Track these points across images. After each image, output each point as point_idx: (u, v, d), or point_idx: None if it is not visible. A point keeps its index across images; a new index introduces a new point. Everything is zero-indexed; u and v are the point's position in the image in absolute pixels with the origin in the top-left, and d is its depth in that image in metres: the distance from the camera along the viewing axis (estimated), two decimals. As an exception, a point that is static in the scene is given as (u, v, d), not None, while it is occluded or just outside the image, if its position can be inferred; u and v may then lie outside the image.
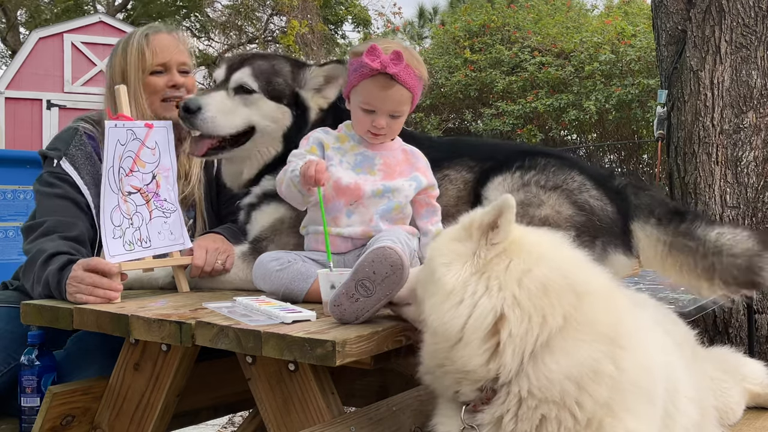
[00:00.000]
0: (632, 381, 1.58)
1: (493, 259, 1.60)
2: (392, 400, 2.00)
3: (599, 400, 1.54)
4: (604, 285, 1.69)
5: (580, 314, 1.58)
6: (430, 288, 1.63)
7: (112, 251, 2.11)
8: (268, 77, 2.41)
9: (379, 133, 2.22)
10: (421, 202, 2.29)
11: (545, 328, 1.55)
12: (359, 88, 2.19)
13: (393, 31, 20.46)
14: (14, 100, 13.35)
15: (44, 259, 2.22)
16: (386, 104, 2.18)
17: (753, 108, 4.19)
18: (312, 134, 2.30)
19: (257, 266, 2.16)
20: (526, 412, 1.56)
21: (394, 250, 1.76)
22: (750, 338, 4.05)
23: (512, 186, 2.38)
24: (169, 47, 2.63)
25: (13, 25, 22.91)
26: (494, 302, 1.56)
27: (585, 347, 1.56)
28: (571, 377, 1.54)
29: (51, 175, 2.47)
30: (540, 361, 1.55)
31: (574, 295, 1.59)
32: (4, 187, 5.17)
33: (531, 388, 1.55)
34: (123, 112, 2.24)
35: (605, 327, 1.59)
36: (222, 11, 22.41)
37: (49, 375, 2.26)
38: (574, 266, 1.67)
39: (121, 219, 2.16)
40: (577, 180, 2.42)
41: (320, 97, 2.46)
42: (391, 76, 2.13)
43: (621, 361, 1.57)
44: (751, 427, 2.33)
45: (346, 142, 2.27)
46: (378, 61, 2.12)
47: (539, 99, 13.26)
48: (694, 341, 2.28)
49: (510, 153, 2.53)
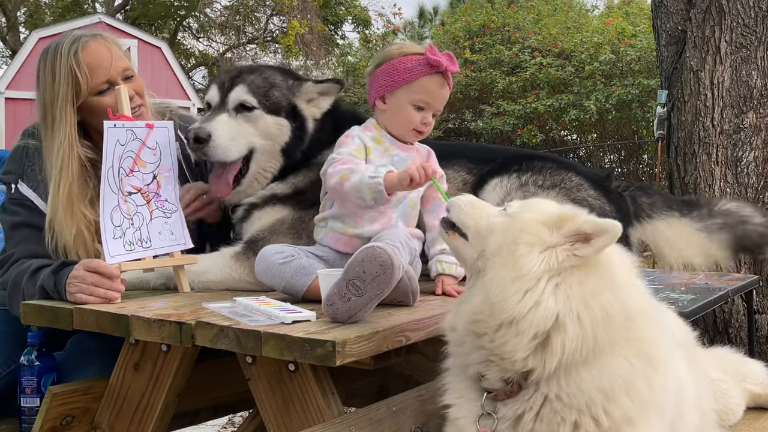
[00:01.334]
0: (657, 401, 1.61)
1: (571, 267, 1.58)
2: (392, 400, 1.99)
3: (627, 413, 1.56)
4: (650, 306, 1.71)
5: (628, 333, 1.60)
6: (506, 259, 1.59)
7: (112, 251, 2.11)
8: (265, 91, 2.39)
9: (425, 131, 2.29)
10: (428, 196, 2.31)
11: (593, 349, 1.56)
12: (415, 85, 2.24)
13: (393, 32, 20.45)
14: (14, 100, 13.37)
15: (30, 274, 2.21)
16: (438, 101, 2.28)
17: (753, 108, 4.19)
18: (353, 133, 2.29)
19: (260, 259, 2.15)
20: (548, 414, 1.56)
21: (384, 250, 1.76)
22: (750, 338, 4.05)
23: (510, 187, 2.40)
24: (105, 59, 2.38)
25: (13, 25, 22.92)
26: (559, 308, 1.55)
27: (623, 363, 1.58)
28: (601, 389, 1.55)
29: (11, 202, 2.43)
30: (575, 371, 1.56)
31: (626, 321, 1.60)
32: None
33: (560, 392, 1.56)
34: (123, 113, 2.23)
35: (646, 346, 1.61)
36: (221, 11, 22.41)
37: (49, 375, 2.26)
38: (635, 295, 1.66)
39: (122, 219, 2.15)
40: (575, 180, 2.46)
41: (313, 107, 2.46)
42: (445, 75, 2.25)
43: (654, 383, 1.59)
44: (752, 428, 2.33)
45: (381, 144, 2.29)
46: (441, 59, 2.22)
47: (539, 99, 13.27)
48: (694, 342, 2.28)
49: (508, 156, 2.57)
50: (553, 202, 1.77)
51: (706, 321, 4.19)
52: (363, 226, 2.18)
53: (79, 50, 2.35)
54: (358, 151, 2.23)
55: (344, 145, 2.25)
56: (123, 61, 2.44)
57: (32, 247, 2.33)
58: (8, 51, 23.39)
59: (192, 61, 24.15)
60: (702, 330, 4.10)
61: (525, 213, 1.66)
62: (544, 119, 13.61)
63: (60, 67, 2.34)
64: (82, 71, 2.33)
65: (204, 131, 2.30)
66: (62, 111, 2.33)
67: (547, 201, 1.77)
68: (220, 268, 2.33)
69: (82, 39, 2.38)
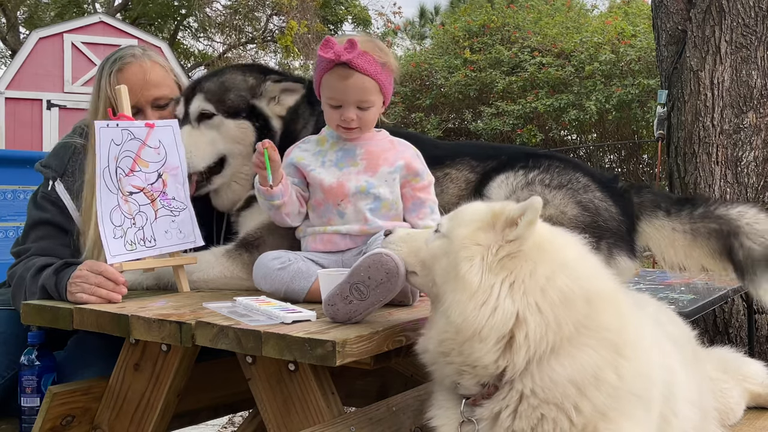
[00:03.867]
0: (631, 389, 1.59)
1: (514, 260, 1.60)
2: (392, 400, 1.99)
3: (597, 406, 1.56)
4: (613, 290, 1.70)
5: (590, 320, 1.60)
6: (453, 283, 1.62)
7: (113, 251, 2.10)
8: (219, 96, 2.41)
9: (349, 126, 2.19)
10: (407, 195, 2.25)
11: (558, 334, 1.57)
12: (323, 83, 2.19)
13: (393, 31, 20.46)
14: (14, 100, 13.35)
15: (35, 271, 2.23)
16: (349, 95, 2.15)
17: (753, 108, 4.19)
18: (286, 155, 2.29)
19: (257, 266, 2.16)
20: (526, 410, 1.57)
21: (391, 257, 1.76)
22: (750, 338, 4.06)
23: (516, 184, 2.37)
24: (137, 84, 2.42)
25: (13, 25, 22.90)
26: (517, 306, 1.57)
27: (590, 353, 1.58)
28: (574, 381, 1.56)
29: (43, 197, 2.46)
30: (546, 363, 1.57)
31: (587, 303, 1.61)
32: (4, 188, 5.17)
33: (534, 387, 1.57)
34: (124, 113, 2.23)
35: (611, 333, 1.61)
36: (221, 11, 22.40)
37: (49, 375, 2.26)
38: (591, 274, 1.67)
39: (122, 219, 2.15)
40: (582, 181, 2.41)
41: (276, 105, 2.45)
42: (348, 64, 2.10)
43: (622, 369, 1.58)
44: (752, 428, 2.33)
45: (325, 143, 2.27)
46: (332, 52, 2.10)
47: (539, 99, 13.26)
48: (694, 341, 2.28)
49: (513, 154, 2.52)
50: (480, 203, 1.78)
51: (706, 321, 4.19)
52: (336, 225, 2.18)
53: (115, 71, 2.43)
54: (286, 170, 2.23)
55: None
56: (156, 90, 2.48)
57: (49, 246, 2.36)
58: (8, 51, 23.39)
59: (192, 61, 24.14)
60: (702, 330, 4.10)
61: (458, 229, 1.68)
62: (543, 119, 13.60)
63: (101, 83, 2.44)
64: (112, 92, 2.37)
65: None
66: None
67: (474, 205, 1.78)
68: (212, 266, 2.33)
69: (125, 59, 2.46)
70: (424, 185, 2.25)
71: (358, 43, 2.11)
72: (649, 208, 2.42)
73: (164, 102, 2.50)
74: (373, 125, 2.27)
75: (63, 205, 2.43)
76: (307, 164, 2.23)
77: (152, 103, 2.48)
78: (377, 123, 2.30)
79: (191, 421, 2.56)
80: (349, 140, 2.24)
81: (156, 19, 23.61)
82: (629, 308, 1.71)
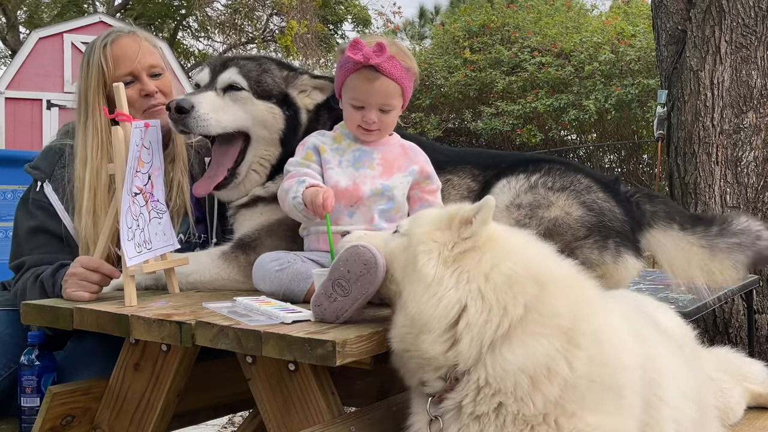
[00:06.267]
0: (589, 379, 1.58)
1: (467, 254, 1.64)
2: (392, 400, 1.99)
3: (551, 399, 1.56)
4: (568, 276, 1.71)
5: (542, 305, 1.61)
6: (411, 275, 1.66)
7: (129, 254, 2.07)
8: (256, 76, 2.39)
9: (370, 129, 2.22)
10: (414, 197, 2.28)
11: (505, 318, 1.59)
12: (347, 84, 2.20)
13: (393, 31, 20.46)
14: (14, 100, 13.36)
15: (33, 280, 2.25)
16: (373, 97, 2.18)
17: (753, 108, 4.19)
18: (307, 140, 2.30)
19: (257, 267, 2.15)
20: (484, 399, 1.59)
21: (368, 249, 1.76)
22: (750, 338, 4.06)
23: (519, 188, 2.38)
24: (132, 52, 2.46)
25: (13, 25, 22.90)
26: (460, 294, 1.60)
27: (543, 341, 1.58)
28: (525, 370, 1.56)
29: (33, 202, 2.45)
30: (498, 352, 1.59)
31: (536, 285, 1.62)
32: (4, 187, 5.17)
33: (488, 377, 1.59)
34: (122, 111, 2.22)
35: (564, 320, 1.61)
36: (221, 11, 22.40)
37: (49, 375, 2.26)
38: (539, 259, 1.71)
39: (132, 221, 2.13)
40: (584, 182, 2.42)
41: (306, 97, 2.46)
42: (375, 68, 2.13)
43: (575, 360, 1.58)
44: (752, 427, 2.33)
45: (342, 141, 2.27)
46: (360, 54, 2.12)
47: (539, 99, 13.26)
48: (694, 341, 2.28)
49: (514, 160, 2.55)
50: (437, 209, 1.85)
51: (706, 321, 4.19)
52: (343, 225, 2.18)
53: (109, 43, 2.46)
54: (306, 158, 2.24)
55: (296, 154, 2.28)
56: (151, 57, 2.51)
57: (44, 256, 2.36)
58: (8, 51, 23.39)
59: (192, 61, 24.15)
60: (702, 330, 4.10)
61: (417, 227, 1.74)
62: (543, 119, 13.60)
63: (92, 58, 2.45)
64: (108, 62, 2.42)
65: (188, 102, 2.29)
66: (94, 99, 2.43)
67: (432, 209, 1.86)
68: (208, 268, 2.33)
69: (115, 33, 2.50)
70: (432, 189, 2.30)
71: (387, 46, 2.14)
72: (664, 219, 2.44)
73: (158, 71, 2.52)
74: (392, 128, 2.31)
75: (51, 208, 2.43)
76: (327, 160, 2.23)
77: (148, 70, 2.50)
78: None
79: (191, 421, 2.56)
80: (368, 143, 2.26)
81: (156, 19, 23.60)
82: (592, 296, 1.71)
